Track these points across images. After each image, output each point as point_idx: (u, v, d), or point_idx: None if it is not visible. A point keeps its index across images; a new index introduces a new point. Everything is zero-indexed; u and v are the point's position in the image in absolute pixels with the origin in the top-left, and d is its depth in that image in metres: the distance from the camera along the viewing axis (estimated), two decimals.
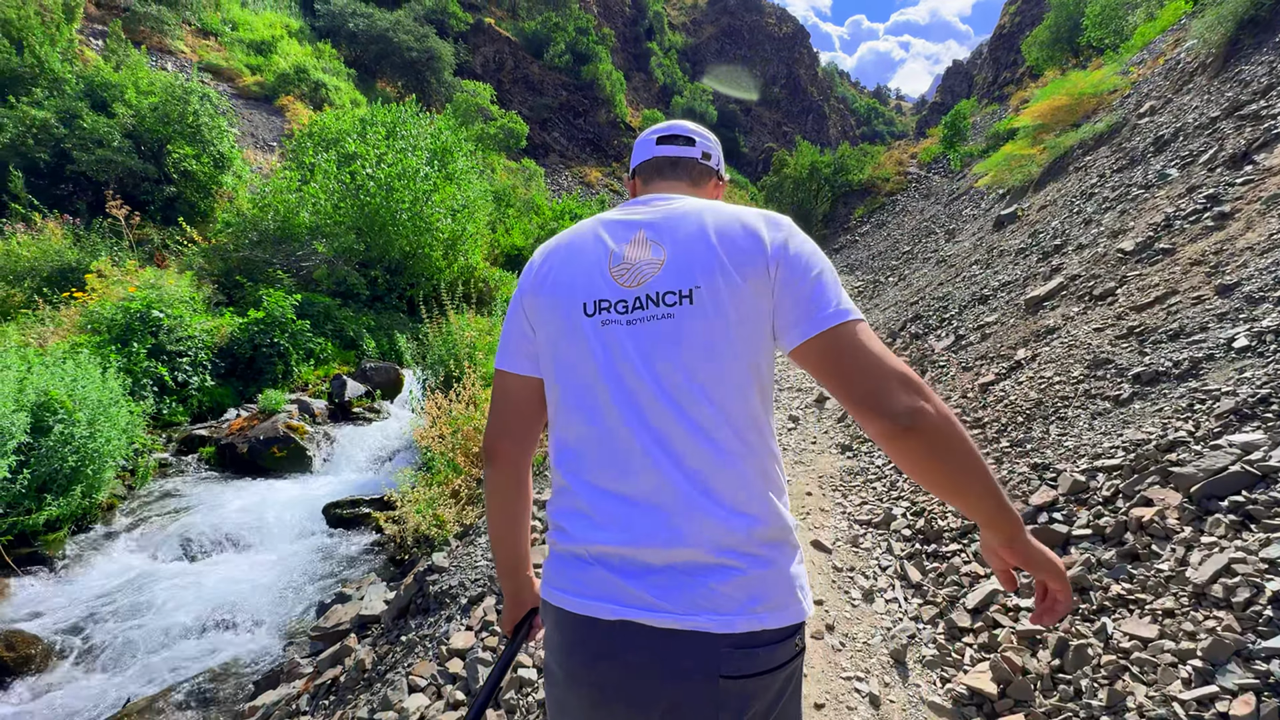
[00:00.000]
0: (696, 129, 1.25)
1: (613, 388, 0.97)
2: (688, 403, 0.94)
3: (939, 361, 4.01)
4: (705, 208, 1.03)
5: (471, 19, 37.49)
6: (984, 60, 61.09)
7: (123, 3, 23.34)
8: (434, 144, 12.36)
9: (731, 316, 0.94)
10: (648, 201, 1.10)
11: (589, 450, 1.00)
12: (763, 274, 0.95)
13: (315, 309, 9.10)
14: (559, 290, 1.04)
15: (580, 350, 1.00)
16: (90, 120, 12.60)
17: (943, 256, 7.03)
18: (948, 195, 22.75)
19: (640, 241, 1.02)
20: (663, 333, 0.95)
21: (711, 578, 0.91)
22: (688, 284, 0.96)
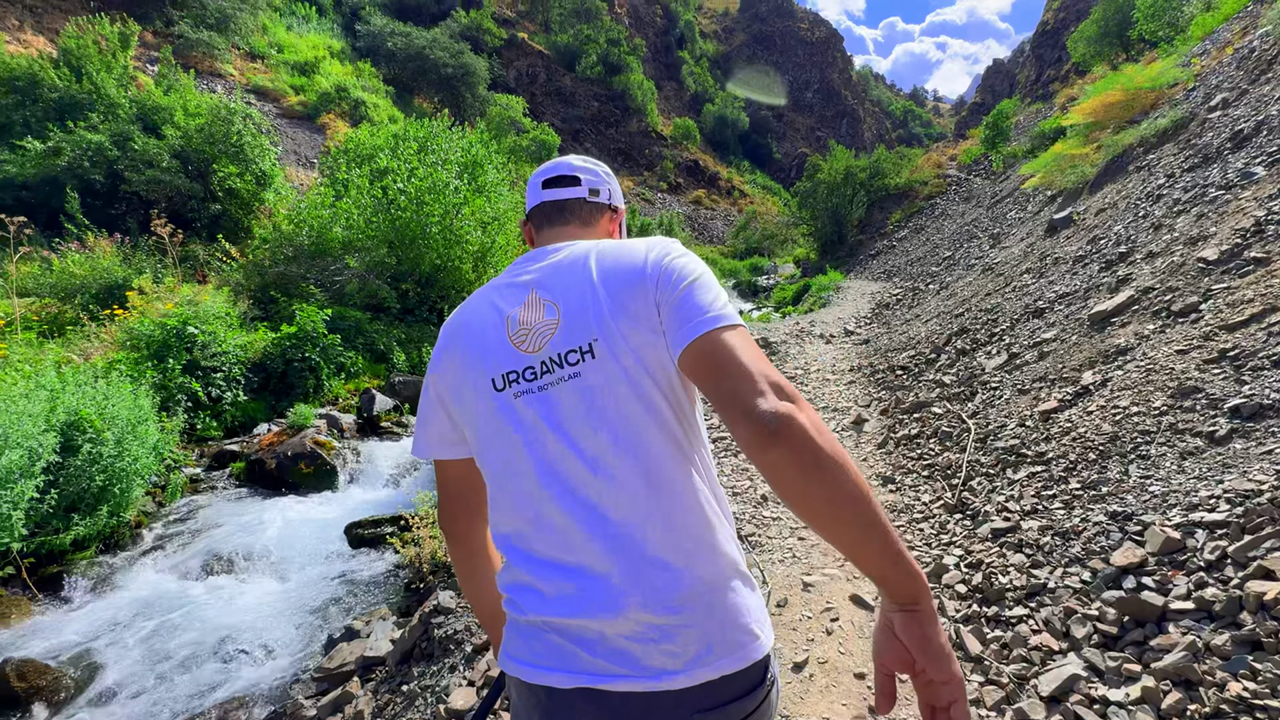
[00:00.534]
0: (582, 165, 1.21)
1: (535, 460, 0.94)
2: (613, 463, 0.91)
3: (990, 382, 3.63)
4: (591, 250, 1.01)
5: (505, 34, 38.06)
6: (1026, 58, 59.16)
7: (177, 30, 24.38)
8: (465, 157, 12.38)
9: (636, 358, 0.92)
10: (536, 257, 1.07)
11: (525, 525, 0.96)
12: (648, 298, 0.93)
13: (347, 323, 9.12)
14: (465, 369, 1.01)
15: (497, 426, 0.97)
16: (141, 142, 13.05)
17: (989, 264, 6.58)
18: (990, 198, 21.89)
19: (533, 303, 1.00)
20: (573, 393, 0.93)
21: (664, 639, 0.88)
22: (585, 338, 0.93)
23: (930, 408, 3.76)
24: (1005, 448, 2.87)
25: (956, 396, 3.70)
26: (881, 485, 3.19)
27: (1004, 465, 2.83)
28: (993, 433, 3.08)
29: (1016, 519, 2.42)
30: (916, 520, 2.80)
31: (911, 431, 3.64)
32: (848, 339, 8.75)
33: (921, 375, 4.56)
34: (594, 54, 40.44)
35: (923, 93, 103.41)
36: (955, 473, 2.98)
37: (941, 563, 2.36)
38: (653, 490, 0.90)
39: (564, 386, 0.93)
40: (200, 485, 6.23)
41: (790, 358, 6.92)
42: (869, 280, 20.47)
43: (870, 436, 3.96)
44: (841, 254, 25.91)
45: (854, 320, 11.30)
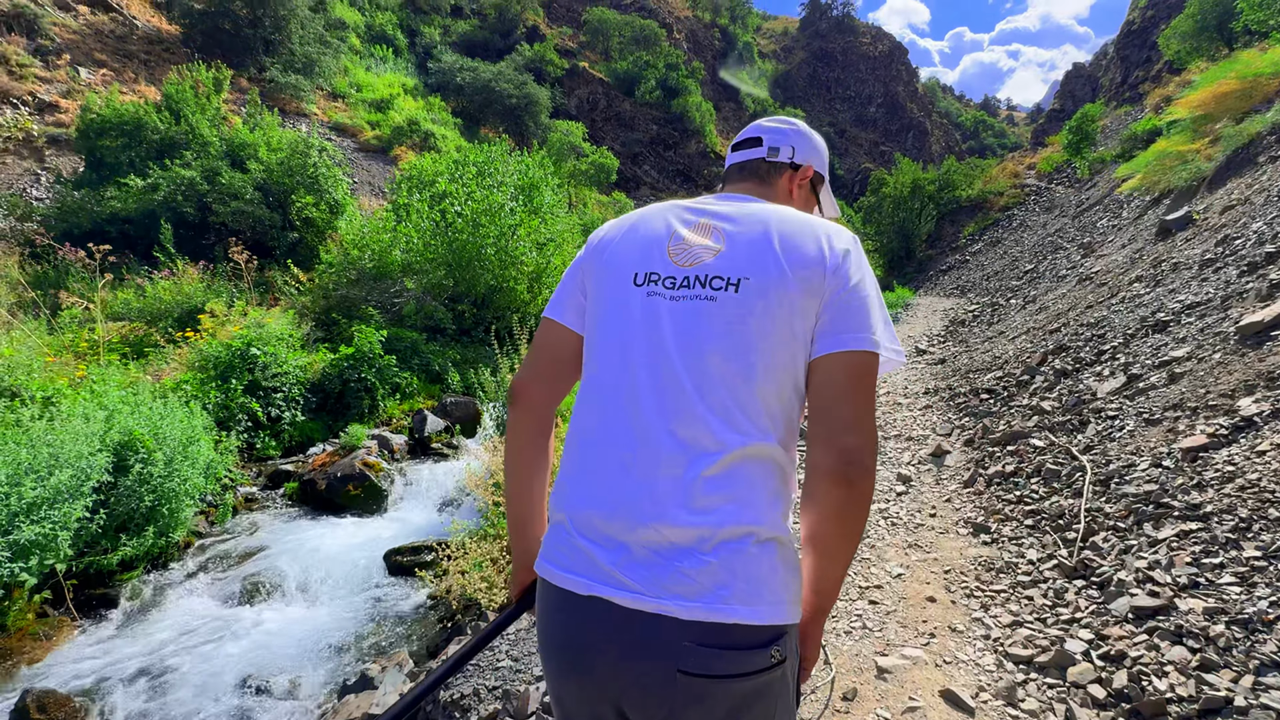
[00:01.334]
0: (772, 125, 1.23)
1: (640, 356, 0.97)
2: (708, 386, 0.92)
3: (1105, 410, 2.96)
4: (774, 212, 1.03)
5: (567, 64, 38.99)
6: (1110, 60, 55.56)
7: (268, 75, 26.23)
8: (522, 180, 12.43)
9: (774, 314, 0.93)
10: (722, 198, 1.11)
11: (604, 411, 0.98)
12: (817, 284, 0.94)
13: (403, 344, 9.15)
14: (616, 258, 1.05)
15: (620, 315, 1.01)
16: (228, 176, 13.86)
17: (1086, 274, 5.78)
18: (1075, 206, 20.31)
19: (703, 227, 1.03)
20: (701, 313, 0.95)
21: (684, 561, 0.88)
22: (737, 273, 0.95)
23: (1028, 439, 3.14)
24: (1139, 494, 2.25)
25: (1062, 426, 3.07)
26: (973, 536, 2.58)
27: (1139, 518, 2.20)
28: (1118, 474, 2.43)
29: (1169, 594, 1.80)
30: (1022, 585, 2.17)
31: (1006, 468, 3.02)
32: (920, 358, 8.02)
33: (1012, 400, 3.92)
34: (652, 79, 40.77)
35: (995, 102, 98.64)
36: (1071, 524, 2.36)
37: (1064, 649, 1.76)
38: (732, 430, 0.90)
39: (696, 304, 0.95)
40: (254, 504, 6.23)
41: None
42: (940, 296, 19.25)
43: (954, 472, 3.33)
44: (909, 270, 24.63)
45: (926, 338, 10.45)
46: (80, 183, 14.65)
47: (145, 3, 27.60)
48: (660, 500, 0.89)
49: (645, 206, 1.14)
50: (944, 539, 2.58)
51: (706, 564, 0.86)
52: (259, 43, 26.68)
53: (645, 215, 1.11)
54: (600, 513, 0.93)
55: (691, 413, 0.91)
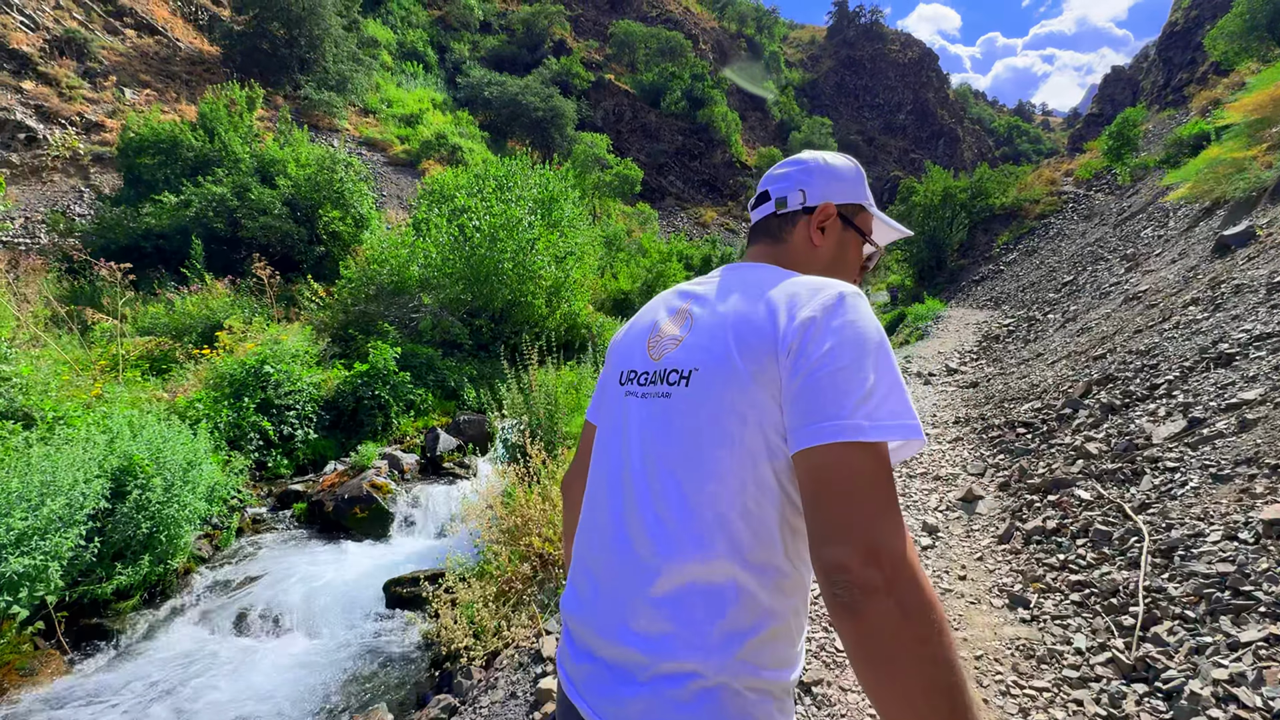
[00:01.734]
0: (779, 172, 1.09)
1: (613, 460, 0.96)
2: (658, 493, 0.86)
3: (1163, 460, 2.55)
4: (751, 283, 0.94)
5: (593, 77, 39.22)
6: (1151, 63, 53.64)
7: (302, 92, 26.88)
8: (542, 193, 12.33)
9: (727, 408, 0.82)
10: (721, 271, 1.04)
11: (586, 516, 0.99)
12: (768, 364, 0.81)
13: (418, 360, 9.05)
14: (615, 356, 1.07)
15: (607, 415, 1.02)
16: (257, 192, 14.10)
17: (1133, 291, 5.32)
18: (1116, 214, 19.43)
19: (680, 314, 0.99)
20: (657, 412, 0.91)
21: (625, 686, 0.83)
22: (689, 365, 0.90)
23: (1072, 488, 2.76)
24: (1211, 575, 1.84)
25: (1111, 476, 2.69)
26: (1009, 609, 2.20)
27: (1214, 607, 1.79)
28: (1183, 544, 2.03)
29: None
30: (1069, 683, 1.76)
31: (1047, 523, 2.63)
32: (950, 379, 7.58)
33: (1053, 437, 3.54)
34: (678, 90, 40.74)
35: (1029, 107, 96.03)
36: (1127, 604, 1.96)
37: None
38: (676, 546, 0.82)
39: (654, 402, 0.92)
40: (262, 526, 6.13)
41: None
42: (973, 308, 18.56)
43: (987, 522, 2.93)
44: (940, 280, 23.88)
45: (957, 356, 9.94)
46: (119, 200, 15.07)
47: (188, 25, 28.59)
48: (617, 613, 0.86)
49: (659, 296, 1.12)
50: (975, 611, 2.22)
51: (638, 695, 0.80)
52: (295, 61, 27.39)
53: (648, 305, 1.09)
54: (576, 618, 0.94)
55: (641, 521, 0.86)
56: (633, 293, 14.52)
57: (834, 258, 1.04)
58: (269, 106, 25.97)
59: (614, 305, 14.55)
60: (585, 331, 11.74)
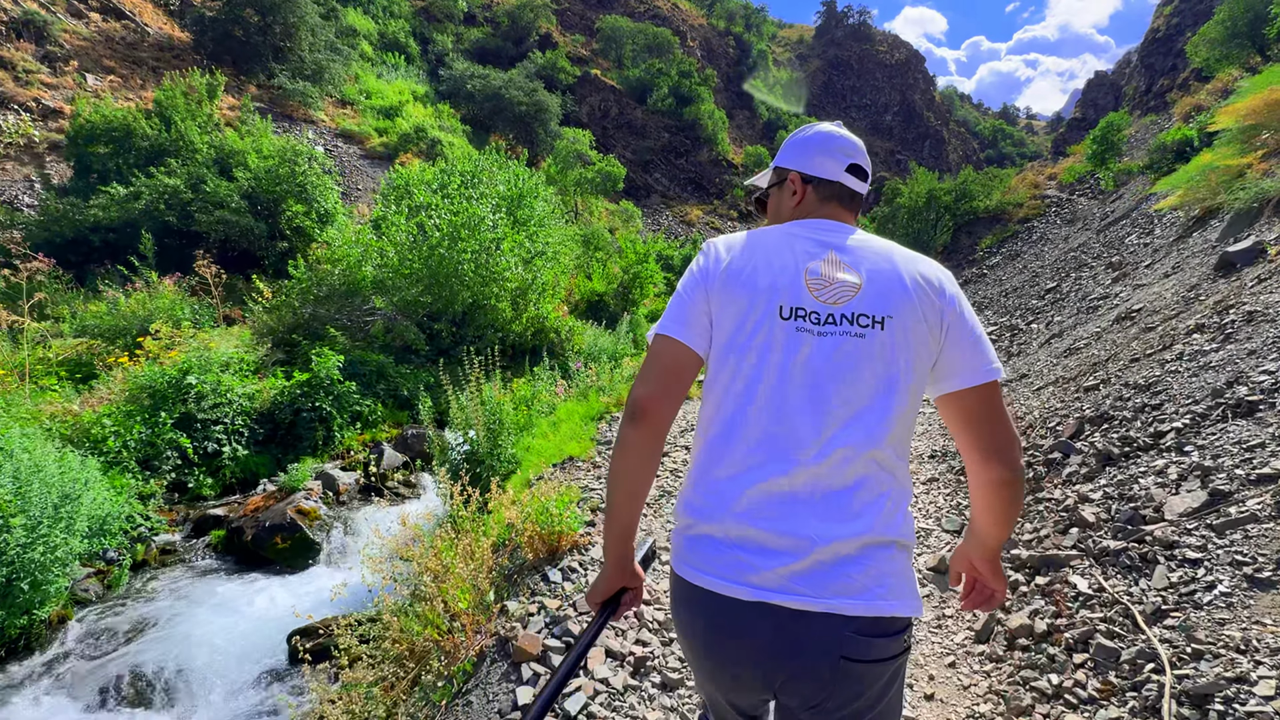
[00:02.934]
0: (865, 156, 1.28)
1: (793, 389, 1.04)
2: (859, 418, 1.02)
3: (1183, 546, 1.96)
4: (890, 248, 1.14)
5: (579, 71, 38.39)
6: (1134, 69, 53.63)
7: (276, 82, 25.89)
8: (511, 190, 11.68)
9: (914, 350, 1.05)
10: (828, 227, 1.16)
11: (753, 440, 1.05)
12: (938, 322, 1.07)
13: (367, 368, 8.40)
14: (755, 288, 1.08)
15: (770, 348, 1.05)
16: (213, 184, 13.30)
17: (1126, 310, 4.80)
18: (1099, 220, 19.13)
19: (834, 262, 1.09)
20: (851, 350, 1.04)
21: (850, 567, 1.00)
22: (882, 311, 1.05)
23: (1065, 570, 2.18)
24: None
25: (1114, 559, 2.11)
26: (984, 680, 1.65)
27: None
28: (1218, 689, 1.41)
29: None
30: None
31: (1036, 620, 1.99)
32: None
33: (1040, 488, 3.01)
34: (665, 86, 40.01)
35: (1014, 110, 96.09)
36: None
37: None
38: (884, 457, 1.04)
39: (845, 340, 1.04)
40: (171, 557, 5.49)
41: None
42: None
43: (962, 615, 2.37)
44: None
45: None
46: (68, 190, 14.21)
47: (158, 10, 27.41)
48: (828, 524, 1.01)
49: (755, 231, 1.17)
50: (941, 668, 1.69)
51: (864, 568, 1.01)
52: (268, 50, 26.39)
53: (767, 243, 1.14)
54: (766, 529, 1.02)
55: (849, 446, 1.02)
56: (607, 294, 13.92)
57: None
58: (240, 96, 24.99)
59: (589, 307, 13.94)
60: (554, 335, 11.13)
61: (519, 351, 10.95)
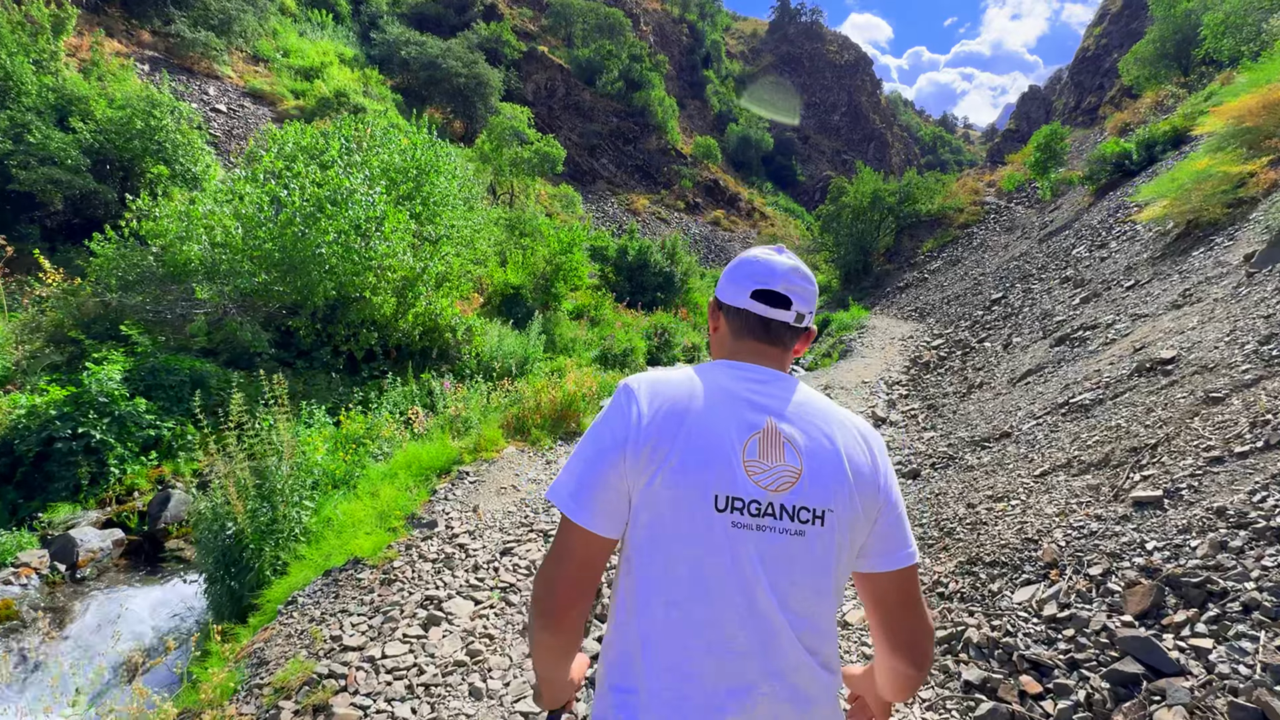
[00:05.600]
0: (801, 282, 1.04)
1: (739, 597, 0.89)
2: (807, 628, 0.90)
3: None
4: (828, 413, 0.98)
5: (525, 47, 35.77)
6: (1064, 85, 55.17)
7: (174, 29, 22.48)
8: (407, 162, 9.64)
9: (848, 544, 0.93)
10: (763, 378, 0.99)
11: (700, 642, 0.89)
12: (873, 503, 0.94)
13: (175, 377, 6.33)
14: (688, 467, 0.89)
15: (705, 546, 0.89)
16: (40, 135, 10.64)
17: (1150, 359, 3.36)
18: (1039, 229, 18.56)
19: (772, 435, 0.93)
20: (792, 550, 0.90)
21: None
22: (821, 504, 0.91)
23: None
24: None
25: None
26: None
27: None
28: None
29: None
30: None
31: None
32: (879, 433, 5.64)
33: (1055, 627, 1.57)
34: (615, 69, 37.87)
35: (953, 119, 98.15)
36: None
37: None
38: (828, 669, 0.93)
39: (784, 539, 0.89)
40: None
41: None
42: (898, 318, 17.20)
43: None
44: (866, 284, 22.64)
45: (884, 388, 8.13)
46: None
47: None
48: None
49: (686, 376, 0.97)
50: None
51: None
52: None
53: (697, 403, 0.93)
54: None
55: (799, 661, 0.90)
56: (524, 287, 12.06)
57: None
58: (132, 43, 21.54)
59: (502, 301, 12.06)
60: (449, 335, 9.24)
61: (405, 354, 9.01)
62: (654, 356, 13.80)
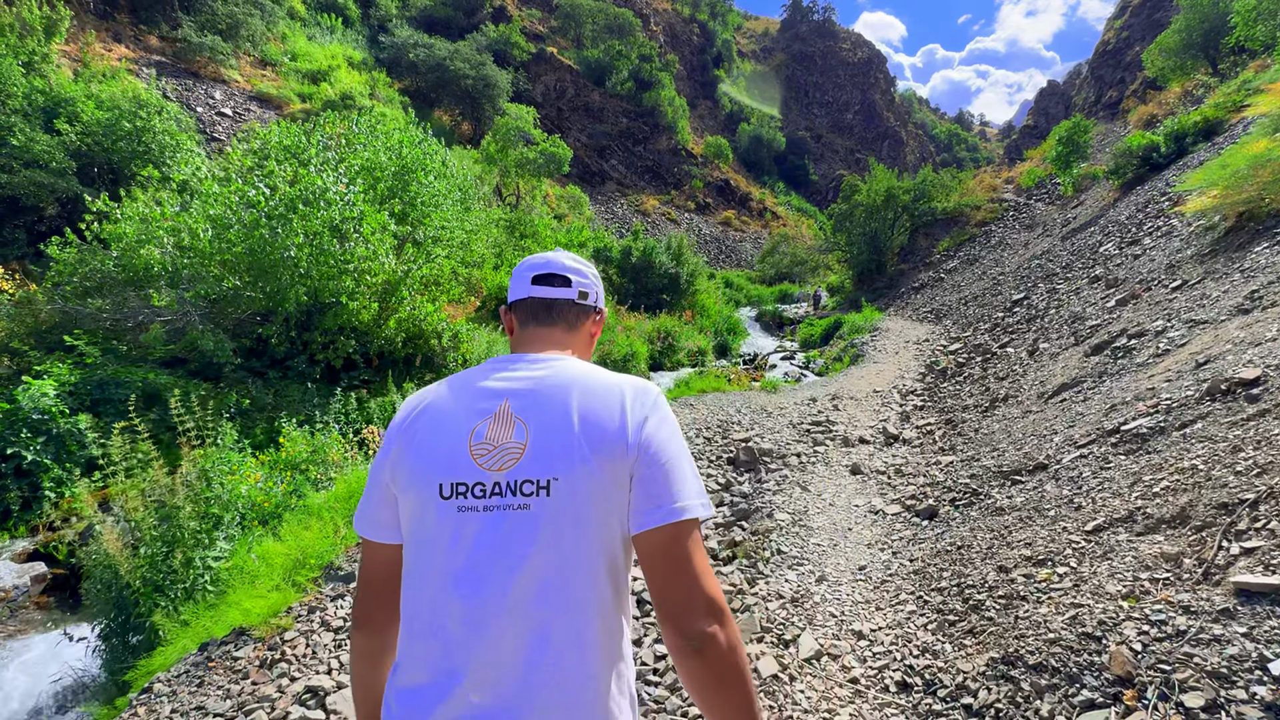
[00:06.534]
0: (574, 264, 1.09)
1: (457, 577, 0.86)
2: (538, 609, 0.84)
3: None
4: (576, 380, 0.93)
5: (534, 48, 35.33)
6: (1084, 79, 53.51)
7: (180, 34, 22.37)
8: (394, 161, 9.11)
9: (590, 511, 0.86)
10: (515, 362, 0.98)
11: (428, 634, 0.87)
12: (621, 459, 0.87)
13: (125, 391, 5.82)
14: (420, 461, 0.92)
15: (434, 535, 0.89)
16: (23, 137, 10.32)
17: (1227, 378, 2.69)
18: (1061, 226, 17.63)
19: (504, 416, 0.91)
20: (518, 526, 0.85)
21: None
22: (546, 474, 0.86)
23: None
24: None
25: None
26: None
27: None
28: None
29: None
30: None
31: None
32: (891, 453, 4.99)
33: None
34: (625, 70, 37.28)
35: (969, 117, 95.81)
36: None
37: None
38: (571, 651, 0.85)
39: (511, 515, 0.86)
40: None
41: (782, 537, 3.27)
42: (913, 320, 16.38)
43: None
44: (880, 285, 21.76)
45: (898, 400, 7.42)
46: None
47: None
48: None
49: (443, 382, 0.99)
50: None
51: None
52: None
53: (442, 400, 0.96)
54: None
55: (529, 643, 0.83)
56: None
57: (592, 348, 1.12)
58: (139, 48, 21.45)
59: (498, 305, 11.51)
60: (436, 342, 8.70)
61: (387, 362, 8.49)
62: (656, 361, 13.17)
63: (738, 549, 3.25)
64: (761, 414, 6.69)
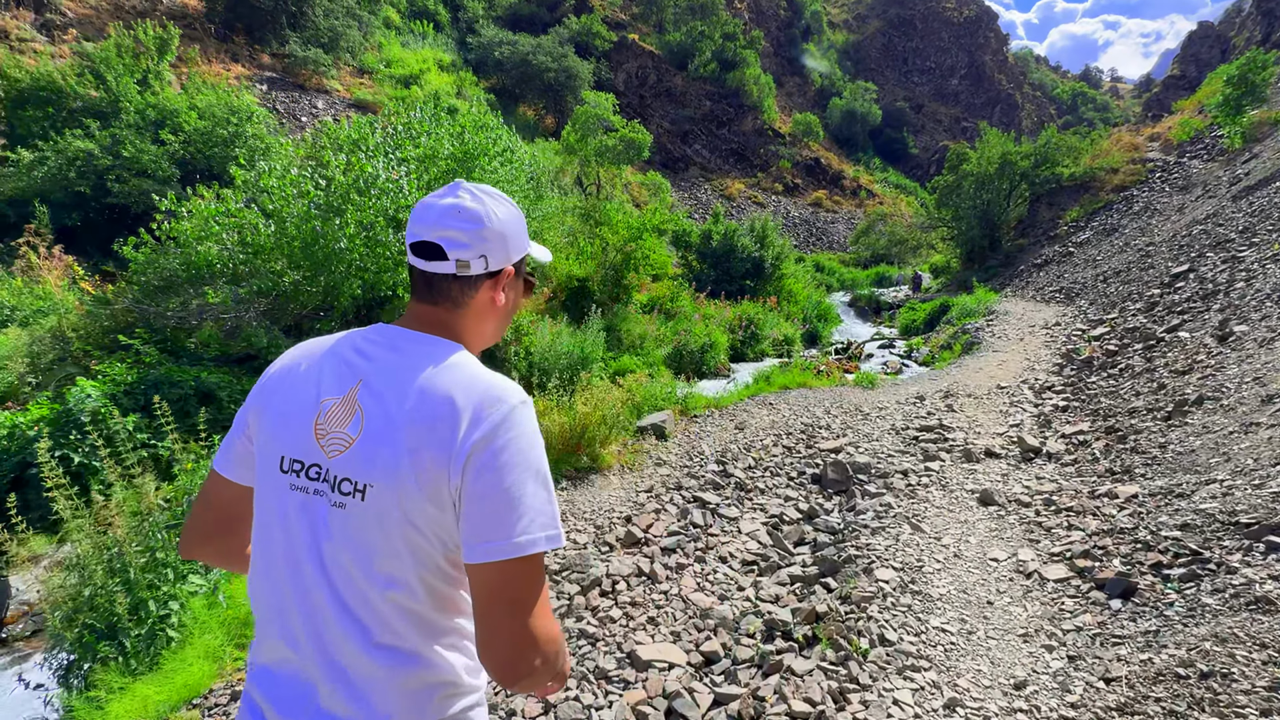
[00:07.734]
0: (459, 226, 0.88)
1: (290, 562, 0.84)
2: (367, 614, 0.80)
3: None
4: (425, 381, 0.83)
5: (615, 37, 34.60)
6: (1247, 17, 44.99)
7: (288, 49, 23.72)
8: (457, 148, 8.66)
9: (403, 525, 0.79)
10: (383, 339, 0.89)
11: (270, 612, 0.86)
12: (443, 481, 0.79)
13: (179, 390, 5.66)
14: (270, 426, 0.88)
15: (271, 506, 0.86)
16: (131, 148, 10.93)
17: None
18: (1229, 184, 14.44)
19: (350, 401, 0.84)
20: (336, 523, 0.81)
21: None
22: (364, 477, 0.80)
23: None
24: None
25: None
26: None
27: None
28: None
29: None
30: None
31: None
32: (1033, 474, 3.71)
33: None
34: (707, 51, 35.66)
35: (1096, 73, 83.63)
36: None
37: None
38: (385, 647, 0.81)
39: (326, 509, 0.82)
40: None
41: (887, 612, 2.23)
42: (1036, 301, 14.04)
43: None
44: (993, 263, 19.11)
45: (1031, 398, 5.89)
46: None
47: None
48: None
49: (319, 341, 0.92)
50: None
51: None
52: (283, 16, 24.32)
53: (308, 363, 0.89)
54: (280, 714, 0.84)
55: (344, 636, 0.80)
56: (591, 280, 10.79)
57: (509, 308, 0.99)
58: (252, 65, 22.99)
59: (569, 296, 10.88)
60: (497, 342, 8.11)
61: None
62: (738, 352, 12.03)
63: (820, 628, 2.24)
64: (856, 415, 5.48)
